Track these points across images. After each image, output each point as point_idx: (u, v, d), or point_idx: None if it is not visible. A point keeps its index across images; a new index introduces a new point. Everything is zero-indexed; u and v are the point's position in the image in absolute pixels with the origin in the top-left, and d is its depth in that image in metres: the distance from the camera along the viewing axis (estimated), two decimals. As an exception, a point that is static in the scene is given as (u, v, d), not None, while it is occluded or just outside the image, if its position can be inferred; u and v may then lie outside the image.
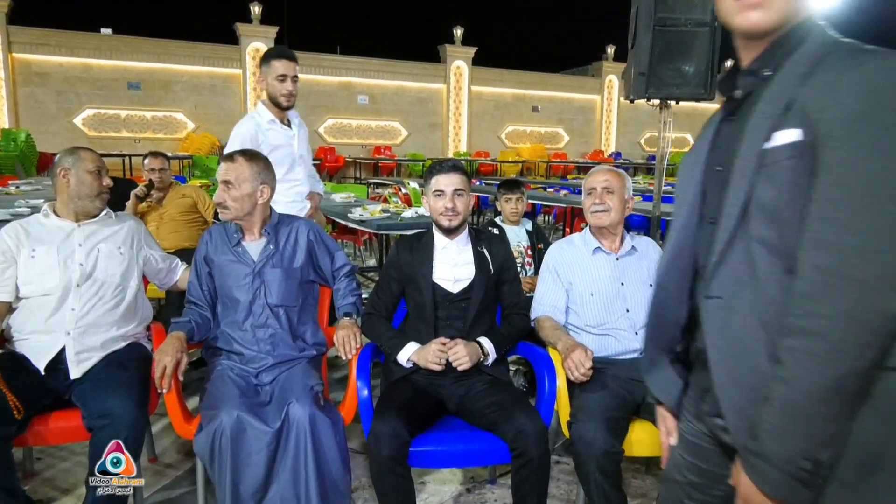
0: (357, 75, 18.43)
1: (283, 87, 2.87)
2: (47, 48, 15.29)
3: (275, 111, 2.94)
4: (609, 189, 2.28)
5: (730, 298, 1.03)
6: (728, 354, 1.04)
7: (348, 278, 2.45)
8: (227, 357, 2.18)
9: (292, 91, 2.88)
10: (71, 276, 2.18)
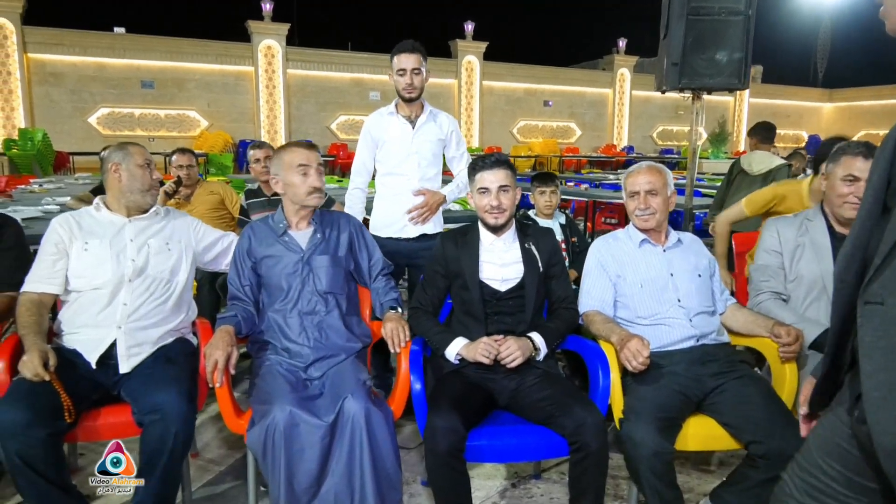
0: (368, 71, 18.42)
1: (402, 80, 2.84)
2: (61, 48, 15.38)
3: (402, 104, 2.92)
4: (652, 191, 2.23)
5: (893, 306, 0.94)
6: (882, 367, 0.95)
7: (386, 277, 2.44)
8: (274, 352, 2.17)
9: (412, 84, 2.83)
10: (123, 272, 2.17)
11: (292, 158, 2.25)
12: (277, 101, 17.51)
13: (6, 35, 14.61)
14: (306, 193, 2.25)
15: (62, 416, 1.88)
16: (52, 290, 2.17)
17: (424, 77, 2.89)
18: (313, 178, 2.25)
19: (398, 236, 2.92)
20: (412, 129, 2.93)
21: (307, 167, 2.25)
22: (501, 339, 2.07)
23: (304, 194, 2.25)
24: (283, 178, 2.26)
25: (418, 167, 2.94)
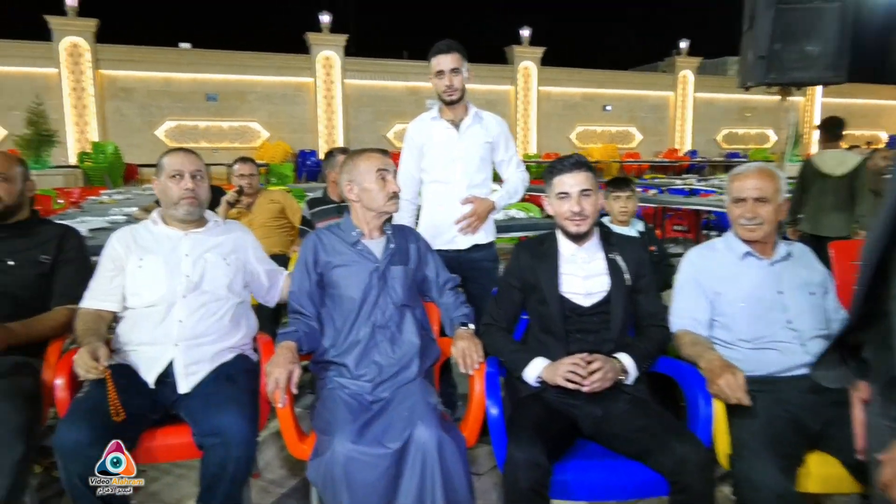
0: (424, 80, 18.27)
1: (441, 82, 2.68)
2: (131, 64, 15.98)
3: (445, 108, 2.77)
4: (762, 198, 1.97)
5: None
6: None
7: (454, 291, 2.28)
8: (338, 372, 2.03)
9: (451, 85, 2.66)
10: (176, 288, 2.08)
11: (370, 164, 2.13)
12: (335, 110, 17.70)
13: (81, 53, 15.28)
14: (386, 199, 2.12)
15: (124, 437, 1.80)
16: (109, 307, 2.10)
17: (465, 77, 2.71)
18: (392, 183, 2.14)
19: (448, 248, 2.73)
20: (457, 133, 2.75)
21: (386, 172, 2.13)
22: (587, 357, 1.86)
23: (383, 200, 2.12)
24: (359, 184, 2.13)
25: (465, 173, 2.75)
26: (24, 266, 2.15)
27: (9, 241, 2.17)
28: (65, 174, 12.70)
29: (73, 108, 15.39)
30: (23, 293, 2.13)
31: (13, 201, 2.21)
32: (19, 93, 14.67)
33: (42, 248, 2.21)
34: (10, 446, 1.75)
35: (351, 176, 2.15)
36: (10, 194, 2.20)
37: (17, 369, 1.98)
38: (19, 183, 2.25)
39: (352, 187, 2.15)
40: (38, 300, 2.16)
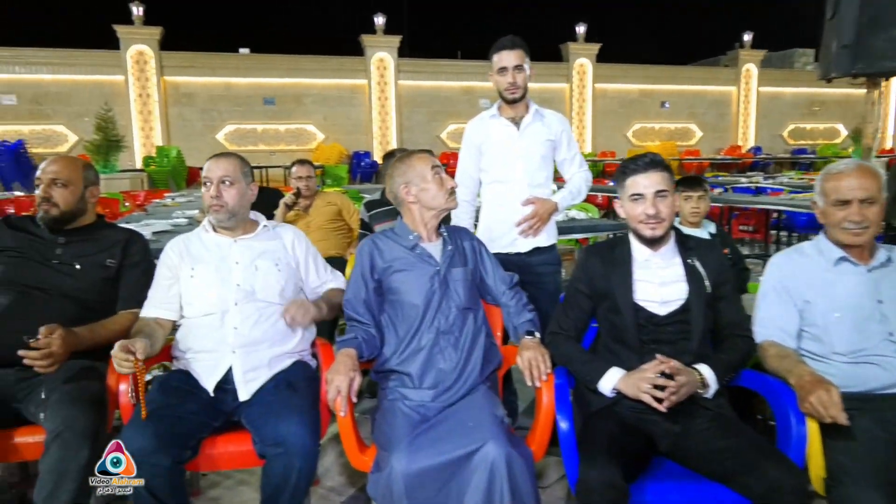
0: (478, 79, 18.33)
1: (504, 80, 2.59)
2: (193, 70, 16.47)
3: (504, 106, 2.69)
4: (869, 199, 1.78)
5: None
6: None
7: (513, 290, 2.19)
8: (400, 381, 1.96)
9: (514, 83, 2.57)
10: (228, 297, 2.06)
11: (424, 163, 2.09)
12: (389, 112, 17.80)
13: (146, 61, 15.84)
14: (446, 196, 2.08)
15: (183, 445, 1.78)
16: (167, 315, 2.10)
17: (528, 74, 2.61)
18: (449, 179, 2.10)
19: (508, 251, 2.63)
20: (517, 131, 2.65)
21: (439, 169, 2.10)
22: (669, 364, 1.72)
23: (444, 197, 2.08)
24: (416, 184, 2.08)
25: (525, 173, 2.64)
26: (91, 270, 2.17)
27: (76, 246, 2.19)
28: (131, 178, 13.17)
29: (139, 113, 15.97)
30: (89, 297, 2.15)
31: (69, 208, 2.19)
32: (89, 100, 15.33)
33: (108, 253, 2.22)
34: (75, 450, 1.76)
35: (406, 178, 2.10)
36: (67, 201, 2.18)
37: (82, 373, 1.99)
38: (79, 189, 2.22)
39: (409, 189, 2.09)
40: (104, 304, 2.18)
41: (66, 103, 15.70)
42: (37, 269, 2.11)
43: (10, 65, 15.25)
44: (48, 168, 2.20)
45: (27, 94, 15.48)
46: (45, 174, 2.18)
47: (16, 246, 2.15)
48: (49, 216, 2.15)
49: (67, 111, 15.72)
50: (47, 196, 2.15)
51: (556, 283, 2.74)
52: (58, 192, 2.16)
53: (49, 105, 15.66)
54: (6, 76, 15.27)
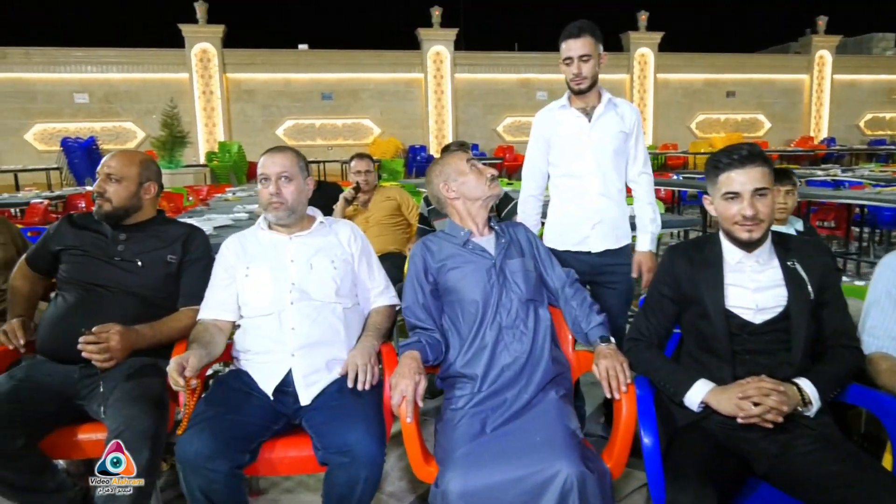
0: (536, 71, 18.06)
1: (569, 70, 2.45)
2: (254, 67, 16.79)
3: (574, 97, 2.55)
4: None
5: None
6: None
7: (573, 288, 2.04)
8: (465, 387, 1.85)
9: (579, 73, 2.43)
10: (283, 296, 1.99)
11: (457, 159, 2.09)
12: (445, 105, 17.72)
13: (209, 58, 16.23)
14: (489, 183, 2.04)
15: (244, 449, 1.73)
16: (225, 317, 2.05)
17: (597, 63, 2.44)
18: (486, 168, 2.08)
19: (578, 249, 2.49)
20: (588, 122, 2.49)
21: (475, 161, 2.09)
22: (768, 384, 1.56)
23: (485, 185, 2.04)
24: (455, 179, 2.05)
25: (597, 166, 2.49)
26: (153, 267, 2.14)
27: (137, 242, 2.16)
28: (195, 173, 13.54)
29: (203, 110, 16.38)
30: (152, 293, 2.12)
31: (122, 203, 2.14)
32: (156, 97, 15.82)
33: (169, 249, 2.18)
34: (136, 451, 1.73)
35: (443, 176, 2.07)
36: (120, 196, 2.14)
37: (144, 371, 1.97)
38: (133, 185, 2.17)
39: (448, 185, 2.05)
40: (167, 300, 2.15)
41: (134, 101, 16.26)
42: (100, 266, 2.10)
43: (83, 64, 15.89)
44: (106, 162, 2.18)
45: (98, 93, 16.10)
46: (102, 169, 2.17)
47: (79, 244, 2.14)
48: (102, 211, 2.13)
49: (136, 108, 16.28)
50: (101, 191, 2.13)
51: (628, 285, 2.58)
52: (112, 187, 2.13)
53: (118, 103, 16.24)
54: (79, 75, 15.91)
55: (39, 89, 15.80)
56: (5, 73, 15.53)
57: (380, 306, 2.18)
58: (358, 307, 2.14)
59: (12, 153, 15.55)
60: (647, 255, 2.59)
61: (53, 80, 15.81)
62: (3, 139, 15.77)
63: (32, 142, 15.91)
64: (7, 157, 15.48)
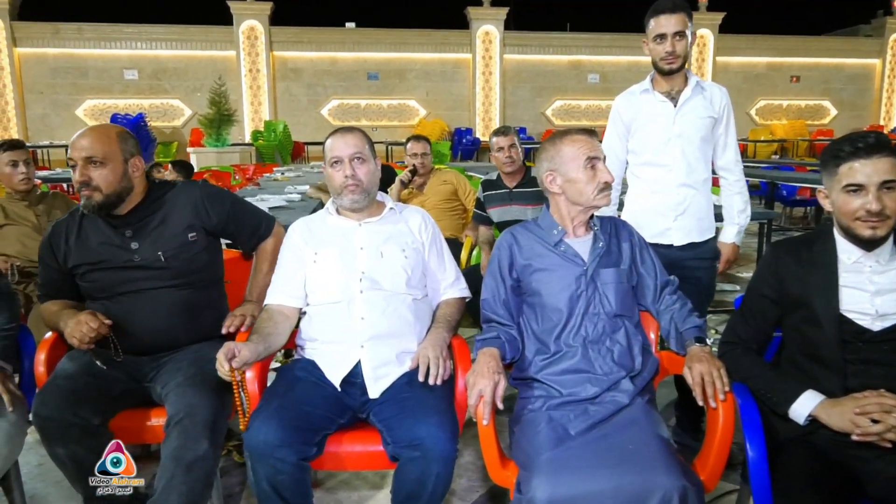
0: (588, 52, 17.72)
1: (661, 48, 2.30)
2: (301, 45, 16.89)
3: (659, 79, 2.42)
4: None
5: None
6: None
7: (674, 295, 1.92)
8: (542, 391, 1.76)
9: (673, 51, 2.28)
10: (352, 284, 1.93)
11: (576, 150, 1.81)
12: (493, 87, 17.53)
13: (257, 36, 16.37)
14: (596, 192, 1.80)
15: (308, 442, 1.68)
16: (292, 303, 1.99)
17: (689, 41, 2.31)
18: (604, 171, 1.81)
19: (658, 242, 2.36)
20: (674, 107, 2.36)
21: (596, 160, 1.81)
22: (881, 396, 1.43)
23: (592, 193, 1.80)
24: (563, 174, 1.83)
25: (682, 155, 2.36)
26: (178, 254, 1.99)
27: (147, 235, 1.98)
28: (240, 152, 13.70)
29: (249, 88, 16.57)
30: (189, 278, 2.02)
31: (113, 189, 1.88)
32: (204, 75, 16.07)
33: (185, 227, 2.01)
34: (194, 440, 1.71)
35: (553, 164, 1.85)
36: (109, 182, 1.87)
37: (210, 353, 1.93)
38: (119, 165, 1.89)
39: (553, 177, 1.85)
40: (210, 269, 2.10)
41: (182, 78, 16.54)
42: (123, 275, 1.95)
43: (133, 41, 16.22)
44: (79, 144, 1.86)
45: (147, 70, 16.43)
46: (77, 153, 1.86)
47: (87, 259, 1.96)
48: (92, 202, 1.87)
49: (184, 86, 16.56)
50: (85, 180, 1.85)
51: (711, 279, 2.46)
52: (96, 172, 1.85)
53: (167, 80, 16.55)
54: (129, 52, 16.26)
55: (91, 65, 16.20)
56: (59, 49, 15.97)
57: (450, 298, 2.10)
58: (427, 298, 2.07)
59: (64, 128, 16.02)
60: (730, 247, 2.48)
61: (105, 56, 16.19)
62: (56, 114, 16.25)
63: (83, 117, 16.35)
64: (59, 132, 15.96)
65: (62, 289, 2.03)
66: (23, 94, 15.99)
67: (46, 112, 16.23)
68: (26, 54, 15.91)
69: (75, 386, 1.81)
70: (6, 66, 15.57)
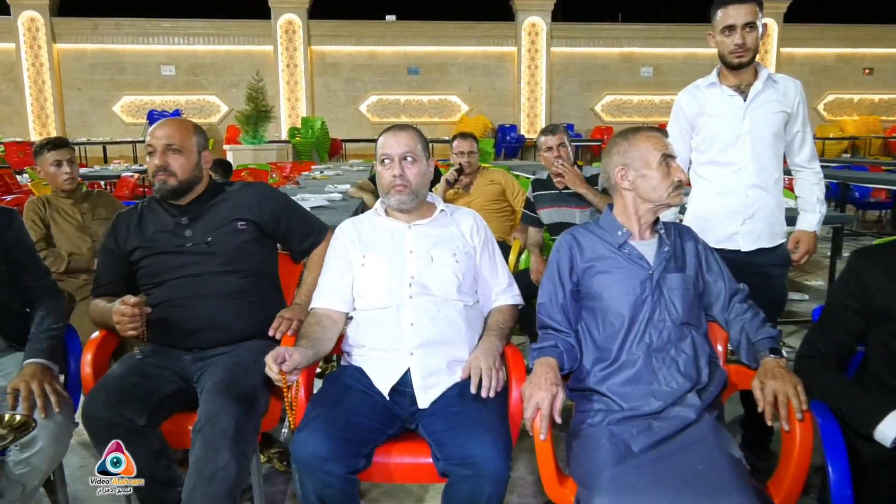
0: (640, 45, 17.48)
1: (729, 41, 2.29)
2: (339, 39, 17.08)
3: (726, 72, 2.40)
4: None
5: None
6: None
7: (745, 304, 1.88)
8: (602, 404, 1.74)
9: (743, 44, 2.26)
10: (401, 290, 1.94)
11: (652, 146, 1.82)
12: (539, 81, 17.42)
13: (294, 30, 16.62)
14: (670, 188, 1.81)
15: (357, 454, 1.69)
16: (339, 307, 2.03)
17: (760, 33, 2.27)
18: (679, 170, 1.82)
19: (724, 247, 2.33)
20: (743, 102, 2.33)
21: (671, 159, 1.82)
22: None
23: (665, 190, 1.81)
24: (636, 169, 1.83)
25: (753, 153, 2.33)
26: (225, 240, 2.13)
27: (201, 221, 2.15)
28: (277, 149, 13.91)
29: (286, 83, 16.83)
30: (235, 266, 2.12)
31: (187, 177, 2.10)
32: (240, 70, 16.39)
33: (236, 215, 2.17)
34: (215, 450, 1.74)
35: (626, 158, 1.85)
36: (185, 169, 2.09)
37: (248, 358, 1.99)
38: (194, 155, 2.13)
39: (625, 172, 1.85)
40: (252, 265, 2.17)
41: (219, 73, 16.91)
42: (175, 259, 2.10)
43: (171, 35, 16.65)
44: (159, 132, 2.09)
45: (185, 65, 16.84)
46: (157, 140, 2.08)
47: (150, 245, 2.13)
48: (167, 187, 2.08)
49: (220, 81, 16.93)
50: (164, 164, 2.06)
51: (782, 287, 2.41)
52: (175, 159, 2.07)
53: (203, 75, 16.93)
54: (166, 47, 16.70)
55: (128, 61, 16.69)
56: (97, 45, 16.50)
57: (502, 305, 2.09)
58: (478, 305, 2.07)
59: (101, 125, 16.56)
60: (810, 236, 2.44)
61: (142, 52, 16.66)
62: (93, 110, 16.80)
63: (120, 114, 16.87)
64: (96, 128, 16.50)
65: (117, 281, 2.16)
66: (61, 90, 16.57)
67: (84, 108, 16.78)
68: (65, 50, 16.49)
69: (122, 386, 1.87)
70: (45, 63, 16.16)
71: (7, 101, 16.41)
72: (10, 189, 6.69)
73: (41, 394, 1.77)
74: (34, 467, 1.75)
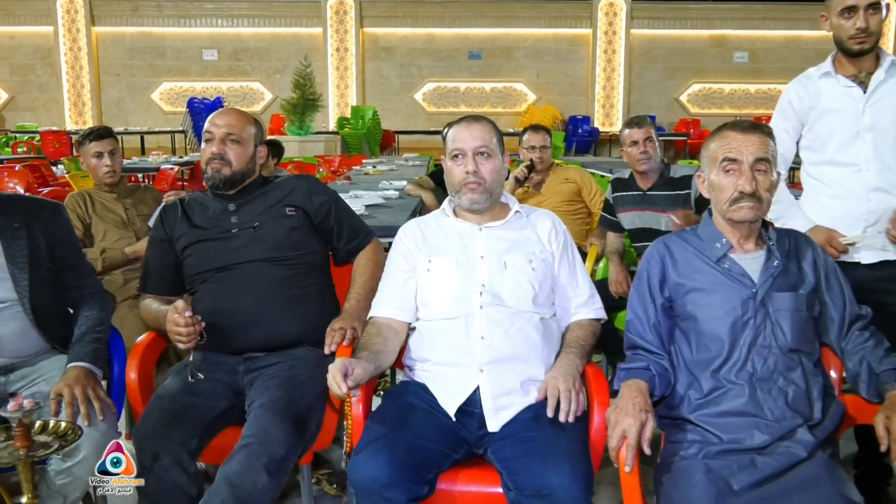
0: (734, 26, 17.10)
1: (849, 24, 2.24)
2: (395, 20, 17.26)
3: (843, 61, 2.36)
4: None
5: None
6: None
7: (867, 331, 1.82)
8: (698, 436, 1.71)
9: (866, 28, 2.21)
10: (471, 298, 1.95)
11: (716, 145, 1.80)
12: (616, 68, 17.23)
13: (346, 10, 16.89)
14: (728, 201, 1.77)
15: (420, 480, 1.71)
16: (402, 317, 2.05)
17: (884, 16, 2.22)
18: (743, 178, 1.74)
19: (840, 260, 2.24)
20: (863, 93, 2.28)
21: (733, 162, 1.76)
22: None
23: (725, 202, 1.78)
24: (706, 175, 1.83)
25: (875, 152, 2.27)
26: (272, 224, 2.26)
27: (248, 206, 2.30)
28: (325, 141, 14.16)
29: (336, 69, 17.11)
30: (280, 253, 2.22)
31: (241, 168, 2.27)
32: (286, 55, 16.75)
33: (284, 202, 2.31)
34: (255, 472, 1.77)
35: (703, 162, 1.87)
36: (241, 160, 2.26)
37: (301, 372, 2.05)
38: (251, 147, 2.30)
39: (701, 177, 1.87)
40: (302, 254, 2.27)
41: (263, 58, 17.32)
42: (221, 245, 2.23)
43: (214, 17, 17.15)
44: (220, 121, 2.26)
45: (227, 49, 17.32)
46: (216, 129, 2.25)
47: (198, 232, 2.27)
48: (221, 175, 2.23)
49: (264, 67, 17.34)
50: (221, 152, 2.22)
51: None
52: (232, 148, 2.24)
53: (247, 60, 17.38)
54: (209, 29, 17.21)
55: (169, 44, 17.27)
56: (136, 28, 17.13)
57: (583, 319, 2.08)
58: (556, 318, 2.06)
59: (138, 113, 17.18)
60: None
61: (183, 35, 17.22)
62: (131, 98, 17.45)
63: (158, 101, 17.47)
64: (134, 117, 17.13)
65: (165, 275, 2.31)
66: (99, 76, 17.26)
67: (122, 96, 17.43)
68: (104, 34, 17.17)
69: (174, 406, 1.95)
70: (83, 47, 16.84)
71: (44, 87, 17.18)
72: (46, 181, 6.99)
73: (84, 400, 1.85)
74: (76, 478, 1.84)
